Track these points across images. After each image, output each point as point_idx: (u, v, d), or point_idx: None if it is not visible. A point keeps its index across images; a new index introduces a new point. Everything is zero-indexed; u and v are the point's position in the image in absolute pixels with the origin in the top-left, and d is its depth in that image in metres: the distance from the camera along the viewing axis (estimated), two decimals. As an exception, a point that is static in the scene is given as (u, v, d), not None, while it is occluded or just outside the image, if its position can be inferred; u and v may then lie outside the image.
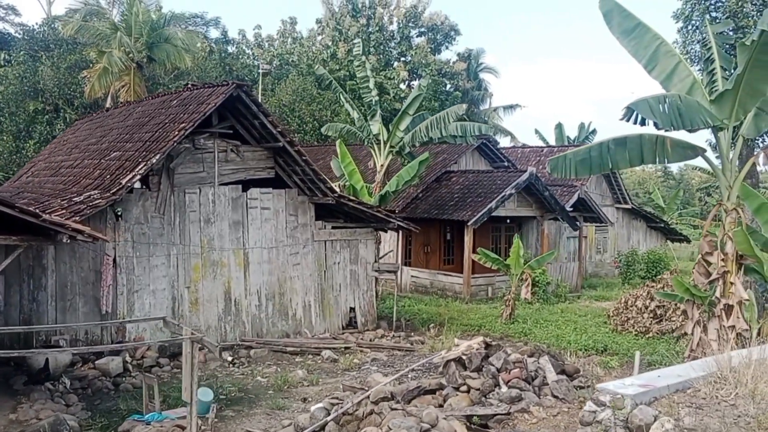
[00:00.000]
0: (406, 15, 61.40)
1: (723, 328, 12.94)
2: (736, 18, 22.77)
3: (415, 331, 20.30)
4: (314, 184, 17.96)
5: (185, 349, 9.67)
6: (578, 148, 12.95)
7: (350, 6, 61.76)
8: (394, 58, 60.63)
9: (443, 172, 31.26)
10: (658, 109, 11.46)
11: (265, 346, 16.92)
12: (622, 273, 32.41)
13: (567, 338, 18.12)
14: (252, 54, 61.21)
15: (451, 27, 62.90)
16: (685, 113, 11.75)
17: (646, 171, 76.36)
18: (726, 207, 13.17)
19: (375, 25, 60.46)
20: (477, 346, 11.95)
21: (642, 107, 11.40)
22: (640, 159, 12.78)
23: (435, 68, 57.86)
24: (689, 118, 11.77)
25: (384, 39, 60.45)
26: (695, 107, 11.98)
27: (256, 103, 16.77)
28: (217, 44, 58.28)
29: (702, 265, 13.37)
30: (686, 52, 25.03)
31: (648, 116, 11.34)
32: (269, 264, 17.84)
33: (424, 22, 62.11)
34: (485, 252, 21.57)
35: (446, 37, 62.38)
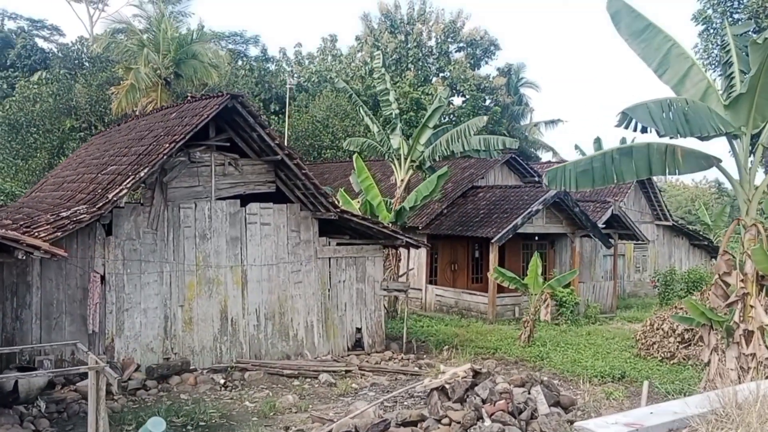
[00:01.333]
0: (445, 30, 60.74)
1: (743, 356, 11.74)
2: (758, 19, 21.36)
3: (428, 354, 19.33)
4: (316, 199, 17.20)
5: (90, 380, 8.85)
6: (579, 158, 11.95)
7: (388, 22, 61.34)
8: (433, 73, 59.95)
9: (470, 187, 30.27)
10: (660, 115, 10.42)
11: (261, 368, 16.15)
12: (660, 293, 30.90)
13: (584, 363, 16.97)
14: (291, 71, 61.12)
15: (491, 41, 61.99)
16: (693, 119, 10.68)
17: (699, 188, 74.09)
18: (744, 223, 12.01)
19: (413, 41, 59.90)
20: (463, 374, 10.98)
21: (640, 113, 10.37)
22: (648, 170, 11.72)
23: (474, 83, 56.99)
24: (698, 124, 10.70)
25: (422, 55, 59.80)
26: (705, 113, 10.90)
27: (253, 115, 16.12)
28: (257, 62, 58.39)
29: (719, 287, 12.20)
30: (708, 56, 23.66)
31: (647, 123, 10.32)
32: (269, 282, 17.11)
33: (463, 37, 61.36)
34: (501, 270, 20.52)
35: (486, 51, 61.44)
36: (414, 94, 53.39)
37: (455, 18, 61.25)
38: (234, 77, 50.63)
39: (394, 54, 59.72)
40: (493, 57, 61.30)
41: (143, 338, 15.55)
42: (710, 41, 23.69)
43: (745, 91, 10.97)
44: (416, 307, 29.15)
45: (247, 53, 61.42)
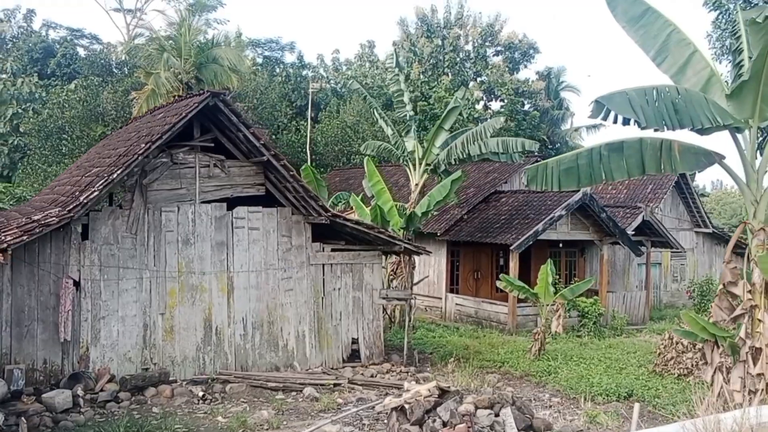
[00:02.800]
0: (483, 34, 59.58)
1: (749, 376, 10.48)
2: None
3: (433, 366, 18.29)
4: (306, 203, 16.34)
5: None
6: (563, 155, 10.82)
7: (425, 27, 60.46)
8: (470, 78, 58.78)
9: (492, 192, 29.12)
10: (643, 104, 9.27)
11: (244, 380, 15.32)
12: (695, 303, 29.28)
13: (591, 380, 15.74)
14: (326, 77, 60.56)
15: (530, 45, 60.60)
16: (685, 110, 9.52)
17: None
18: (752, 226, 10.76)
19: (450, 45, 58.89)
20: (427, 392, 9.95)
21: (618, 102, 9.23)
22: (641, 168, 10.56)
23: (512, 87, 55.68)
24: (690, 115, 9.54)
25: (460, 59, 58.71)
26: (700, 103, 9.71)
27: (236, 113, 15.36)
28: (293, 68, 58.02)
29: (725, 298, 10.95)
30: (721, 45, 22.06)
31: (625, 113, 9.17)
32: (257, 289, 16.30)
33: (501, 41, 60.12)
34: (509, 279, 19.36)
35: (524, 55, 60.05)
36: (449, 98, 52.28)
37: (493, 22, 60.07)
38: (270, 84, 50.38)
39: (431, 59, 58.80)
40: (532, 60, 59.83)
41: (120, 347, 14.87)
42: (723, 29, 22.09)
43: (748, 78, 9.77)
44: (436, 316, 28.15)
45: (283, 60, 61.07)
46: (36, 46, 49.93)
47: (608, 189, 35.33)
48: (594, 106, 9.20)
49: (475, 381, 16.30)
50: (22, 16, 55.87)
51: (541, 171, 10.68)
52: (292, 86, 51.21)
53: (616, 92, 9.40)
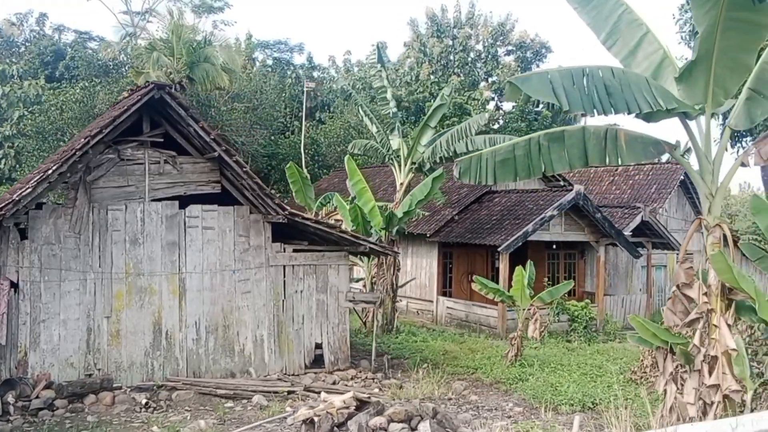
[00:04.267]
0: (493, 33, 58.64)
1: (704, 387, 9.52)
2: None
3: (404, 373, 17.43)
4: (263, 201, 15.59)
5: None
6: (499, 146, 9.92)
7: (435, 27, 59.64)
8: (481, 78, 57.85)
9: (485, 192, 28.20)
10: (567, 87, 8.33)
11: (192, 387, 14.59)
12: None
13: (561, 388, 14.81)
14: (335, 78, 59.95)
15: (542, 44, 59.55)
16: (619, 93, 8.59)
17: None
18: (707, 223, 9.81)
19: (459, 45, 58.00)
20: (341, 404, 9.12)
21: (536, 84, 8.30)
22: (584, 159, 9.65)
23: (523, 87, 54.49)
24: (625, 99, 8.61)
25: (470, 59, 57.79)
26: (639, 85, 8.79)
27: (183, 107, 14.66)
28: (303, 69, 57.48)
29: (679, 302, 10.00)
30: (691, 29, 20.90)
31: (545, 96, 8.25)
32: (211, 292, 15.57)
33: (512, 40, 59.17)
34: (482, 280, 18.46)
35: (536, 54, 58.98)
36: (458, 99, 51.43)
37: (504, 21, 59.12)
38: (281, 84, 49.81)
39: (441, 59, 57.95)
40: (545, 60, 58.69)
41: (62, 352, 14.21)
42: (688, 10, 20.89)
43: (695, 58, 8.83)
44: (427, 320, 27.32)
45: (292, 61, 60.55)
46: (46, 49, 49.85)
47: (612, 189, 34.27)
48: (508, 89, 8.28)
49: (441, 389, 15.48)
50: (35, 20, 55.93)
51: (474, 163, 9.80)
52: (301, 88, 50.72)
53: (535, 73, 8.49)
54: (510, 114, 54.51)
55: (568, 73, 8.46)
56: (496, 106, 57.58)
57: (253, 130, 38.67)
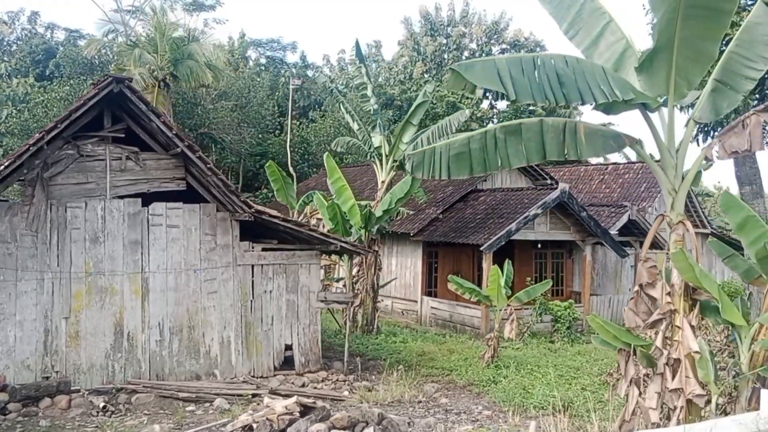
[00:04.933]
0: (487, 32, 58.30)
1: (667, 391, 9.09)
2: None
3: (379, 374, 17.00)
4: (229, 198, 15.17)
5: None
6: (453, 139, 9.49)
7: (428, 25, 59.28)
8: (475, 76, 57.25)
9: (470, 190, 27.78)
10: (516, 76, 7.89)
11: (153, 390, 14.16)
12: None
13: (533, 390, 14.40)
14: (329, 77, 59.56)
15: (536, 43, 59.30)
16: (572, 83, 8.17)
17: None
18: (670, 219, 9.38)
19: (453, 44, 57.62)
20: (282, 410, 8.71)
21: (479, 71, 7.85)
22: (541, 152, 9.21)
23: (517, 86, 54.08)
24: (579, 89, 8.19)
25: (464, 58, 57.37)
26: (594, 75, 8.35)
27: (144, 101, 14.24)
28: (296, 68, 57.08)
29: (642, 302, 9.57)
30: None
31: (489, 84, 7.81)
32: (176, 292, 15.14)
33: (506, 39, 58.86)
34: (457, 279, 18.04)
35: (531, 53, 58.31)
36: (451, 97, 51.02)
37: (498, 20, 58.81)
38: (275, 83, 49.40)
39: (434, 57, 57.57)
40: (539, 58, 58.00)
41: (18, 354, 13.79)
42: None
43: (655, 48, 8.40)
44: (412, 320, 26.92)
45: (285, 60, 60.15)
46: (37, 47, 49.51)
47: (601, 188, 33.87)
48: (450, 76, 7.83)
49: (413, 391, 15.07)
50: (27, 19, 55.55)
51: (428, 157, 9.36)
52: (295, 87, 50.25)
53: (480, 60, 8.04)
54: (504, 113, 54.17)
55: (517, 61, 8.03)
56: (490, 105, 57.14)
57: (241, 129, 38.25)
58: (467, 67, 7.76)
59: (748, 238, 9.80)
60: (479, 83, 7.75)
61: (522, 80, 7.84)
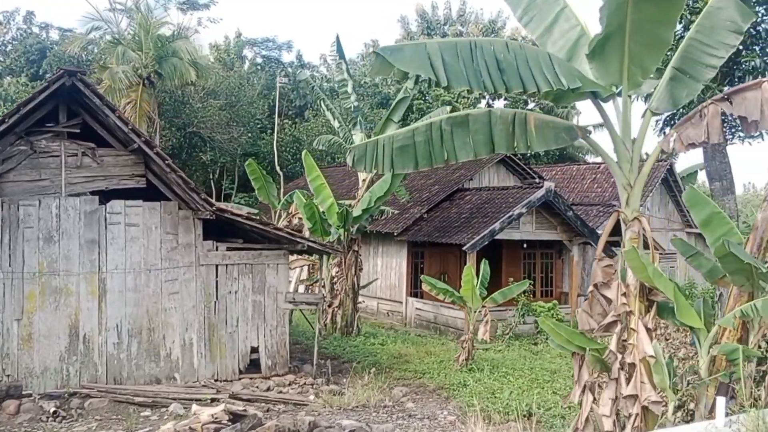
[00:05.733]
0: (484, 30, 57.71)
1: (621, 398, 8.56)
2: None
3: (351, 377, 16.46)
4: (190, 196, 14.69)
5: None
6: (398, 131, 8.98)
7: (425, 24, 58.75)
8: (471, 75, 56.76)
9: (456, 189, 27.26)
10: (451, 61, 7.35)
11: (107, 394, 13.69)
12: (677, 309, 26.99)
13: (501, 395, 13.89)
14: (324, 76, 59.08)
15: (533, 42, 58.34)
16: (513, 69, 7.64)
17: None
18: (625, 216, 8.86)
19: (449, 42, 56.98)
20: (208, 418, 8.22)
21: (408, 55, 7.27)
22: (489, 145, 8.69)
23: (514, 85, 53.52)
24: (521, 76, 7.65)
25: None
26: (538, 61, 7.82)
27: (98, 95, 13.78)
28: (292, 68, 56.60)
29: (597, 303, 9.05)
30: None
31: (418, 69, 7.26)
32: (135, 292, 14.66)
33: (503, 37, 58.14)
34: (429, 280, 17.54)
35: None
36: (446, 97, 50.52)
37: (495, 18, 58.26)
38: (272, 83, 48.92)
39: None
40: (536, 57, 57.42)
41: (-33, 357, 13.33)
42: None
43: (605, 33, 7.86)
44: (397, 321, 26.41)
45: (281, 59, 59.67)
46: (32, 47, 49.21)
47: (593, 187, 33.26)
48: (375, 60, 7.27)
49: (380, 395, 14.58)
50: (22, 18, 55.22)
51: (370, 150, 8.85)
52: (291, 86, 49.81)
53: (410, 43, 7.49)
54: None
55: (452, 45, 7.49)
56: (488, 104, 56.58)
57: (230, 128, 37.79)
58: (394, 51, 7.20)
59: (713, 236, 9.31)
60: (407, 68, 7.20)
61: (456, 66, 7.30)
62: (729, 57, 13.40)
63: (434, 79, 7.15)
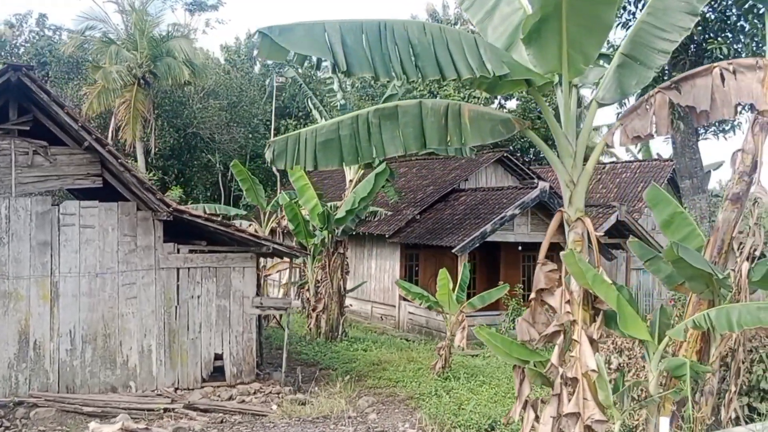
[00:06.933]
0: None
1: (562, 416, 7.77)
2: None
3: (324, 385, 15.79)
4: (145, 196, 14.07)
5: None
6: (321, 124, 8.24)
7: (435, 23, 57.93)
8: (483, 75, 55.90)
9: (451, 190, 26.49)
10: (353, 44, 6.60)
11: (55, 403, 13.09)
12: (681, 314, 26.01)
13: (467, 406, 13.11)
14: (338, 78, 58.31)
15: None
16: (429, 54, 6.87)
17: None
18: (568, 216, 8.06)
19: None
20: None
21: (298, 37, 6.47)
22: (421, 140, 7.96)
23: (525, 84, 52.60)
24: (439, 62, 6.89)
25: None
26: (464, 46, 7.05)
27: (45, 91, 13.19)
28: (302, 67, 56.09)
29: (540, 311, 8.27)
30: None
31: (313, 51, 6.50)
32: (90, 297, 14.06)
33: (516, 35, 57.23)
34: (403, 284, 16.83)
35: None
36: (456, 97, 49.76)
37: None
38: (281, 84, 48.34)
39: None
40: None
41: None
42: None
43: (540, 16, 7.09)
44: (390, 325, 25.74)
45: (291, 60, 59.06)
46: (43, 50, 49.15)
47: (598, 188, 32.39)
48: (261, 42, 6.48)
49: (346, 405, 13.89)
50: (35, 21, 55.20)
51: (291, 144, 8.12)
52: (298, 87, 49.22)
53: (304, 23, 6.73)
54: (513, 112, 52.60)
55: (356, 25, 6.73)
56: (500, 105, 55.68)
57: (231, 129, 37.27)
58: (283, 30, 6.42)
59: (673, 238, 8.51)
60: (297, 50, 6.42)
61: (359, 49, 6.54)
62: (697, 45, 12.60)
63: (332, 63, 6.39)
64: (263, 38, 6.27)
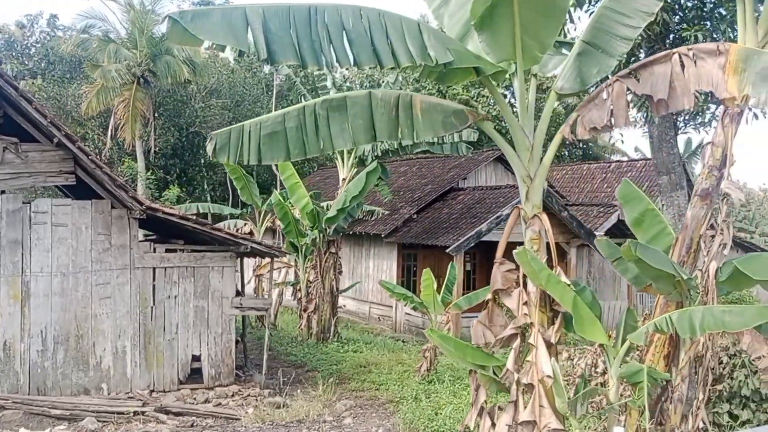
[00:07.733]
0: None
1: (518, 424, 7.34)
2: None
3: (307, 388, 15.41)
4: (118, 194, 13.76)
5: None
6: (266, 116, 7.84)
7: (439, 22, 57.51)
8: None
9: (449, 189, 26.03)
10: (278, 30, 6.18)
11: (23, 406, 12.80)
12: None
13: (444, 411, 12.69)
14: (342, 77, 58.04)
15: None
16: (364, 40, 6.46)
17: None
18: (525, 213, 7.62)
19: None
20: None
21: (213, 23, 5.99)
22: (371, 132, 7.53)
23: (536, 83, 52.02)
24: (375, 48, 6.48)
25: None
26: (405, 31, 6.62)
27: (13, 86, 12.92)
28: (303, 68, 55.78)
29: (498, 312, 7.83)
30: None
31: (228, 39, 6.04)
32: (62, 297, 13.77)
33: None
34: (387, 284, 16.40)
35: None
36: (464, 95, 49.26)
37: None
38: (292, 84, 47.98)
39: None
40: (559, 54, 55.74)
41: None
42: None
43: (489, 3, 6.65)
44: (388, 326, 25.32)
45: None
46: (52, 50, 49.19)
47: (603, 187, 31.84)
48: (171, 28, 5.98)
49: (324, 409, 13.51)
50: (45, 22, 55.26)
51: (234, 138, 7.71)
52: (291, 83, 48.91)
53: (223, 8, 6.29)
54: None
55: (283, 10, 6.30)
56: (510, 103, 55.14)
57: (233, 128, 36.96)
58: (197, 16, 5.95)
59: (645, 237, 8.05)
60: (210, 38, 5.98)
61: (284, 36, 6.11)
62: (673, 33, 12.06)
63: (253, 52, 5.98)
64: (174, 24, 5.85)
